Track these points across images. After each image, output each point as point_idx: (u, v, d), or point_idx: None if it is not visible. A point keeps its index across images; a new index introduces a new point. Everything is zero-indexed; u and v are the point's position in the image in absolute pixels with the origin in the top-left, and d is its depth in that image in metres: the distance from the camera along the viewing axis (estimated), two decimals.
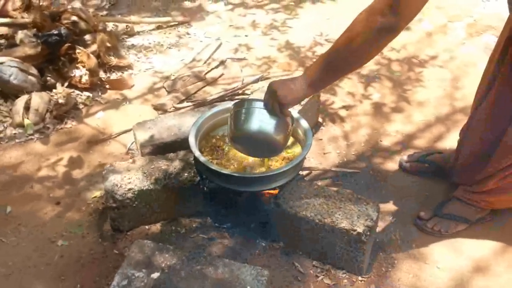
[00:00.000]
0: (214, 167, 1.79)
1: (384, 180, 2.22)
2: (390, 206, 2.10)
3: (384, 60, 3.03)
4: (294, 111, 2.06)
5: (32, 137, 2.39)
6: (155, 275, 1.61)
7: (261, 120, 1.65)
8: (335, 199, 1.80)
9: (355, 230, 1.68)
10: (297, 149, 1.99)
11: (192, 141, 1.88)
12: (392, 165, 2.30)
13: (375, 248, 1.89)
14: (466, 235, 1.96)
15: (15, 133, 2.40)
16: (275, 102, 1.58)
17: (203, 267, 1.62)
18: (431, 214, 2.00)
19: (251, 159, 1.93)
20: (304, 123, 1.96)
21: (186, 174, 1.90)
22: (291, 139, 2.03)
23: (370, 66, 2.97)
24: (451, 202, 2.00)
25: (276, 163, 1.92)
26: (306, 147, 1.86)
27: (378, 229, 1.96)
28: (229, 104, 2.13)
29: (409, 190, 2.17)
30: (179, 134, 2.16)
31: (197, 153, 1.83)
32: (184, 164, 1.94)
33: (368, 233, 1.69)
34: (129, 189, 1.84)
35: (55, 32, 2.57)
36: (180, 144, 2.09)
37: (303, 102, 2.26)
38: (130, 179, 1.86)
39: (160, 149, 2.12)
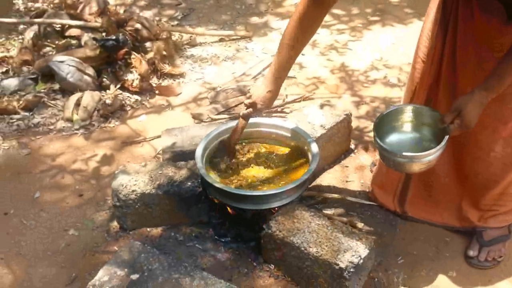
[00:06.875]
0: (208, 179, 1.80)
1: (404, 216, 2.08)
2: (401, 245, 1.96)
3: None
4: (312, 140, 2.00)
5: (77, 131, 2.59)
6: (134, 276, 1.66)
7: None
8: (328, 229, 1.73)
9: (337, 264, 1.60)
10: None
11: (198, 152, 1.92)
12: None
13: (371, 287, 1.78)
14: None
15: (63, 126, 2.61)
16: None
17: (180, 276, 1.64)
18: (478, 247, 1.91)
19: (261, 177, 1.94)
20: (314, 147, 1.92)
21: (189, 184, 1.94)
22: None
23: None
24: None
25: (279, 185, 1.89)
26: (306, 173, 1.82)
27: (380, 268, 1.85)
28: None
29: (427, 231, 2.01)
30: None
31: (199, 164, 1.86)
32: (191, 174, 1.98)
33: (352, 270, 1.59)
34: (133, 191, 1.92)
35: (113, 37, 2.77)
36: None
37: (327, 126, 2.21)
38: (136, 181, 1.94)
39: (179, 156, 2.18)
